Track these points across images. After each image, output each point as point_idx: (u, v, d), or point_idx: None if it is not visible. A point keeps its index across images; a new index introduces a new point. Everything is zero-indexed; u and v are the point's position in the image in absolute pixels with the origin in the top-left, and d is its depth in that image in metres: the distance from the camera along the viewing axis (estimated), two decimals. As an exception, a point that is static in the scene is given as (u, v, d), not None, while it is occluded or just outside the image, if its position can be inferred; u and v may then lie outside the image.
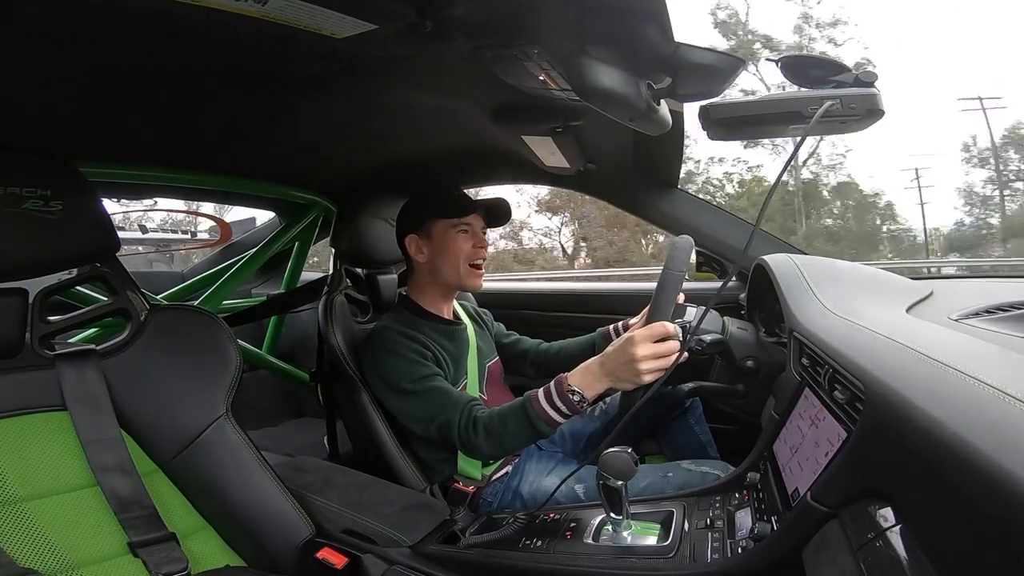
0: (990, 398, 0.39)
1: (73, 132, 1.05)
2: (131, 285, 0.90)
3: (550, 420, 0.91)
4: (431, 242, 1.17)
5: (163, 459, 0.85)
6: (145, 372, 0.87)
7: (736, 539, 0.73)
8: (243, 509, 0.84)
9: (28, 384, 0.80)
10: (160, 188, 1.54)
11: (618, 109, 0.71)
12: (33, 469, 0.75)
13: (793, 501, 0.64)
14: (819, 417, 0.65)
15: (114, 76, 0.84)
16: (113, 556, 0.74)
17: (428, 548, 0.86)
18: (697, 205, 1.53)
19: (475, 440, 0.97)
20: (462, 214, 1.16)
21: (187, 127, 1.12)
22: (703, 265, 1.57)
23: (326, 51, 0.75)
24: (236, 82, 0.92)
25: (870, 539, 0.45)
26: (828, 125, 0.68)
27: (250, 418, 0.98)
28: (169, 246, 3.81)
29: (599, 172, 1.47)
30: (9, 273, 0.77)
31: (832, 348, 0.65)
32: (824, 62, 0.68)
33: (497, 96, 1.05)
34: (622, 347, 0.87)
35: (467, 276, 1.17)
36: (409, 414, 1.07)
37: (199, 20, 0.64)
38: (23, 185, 0.76)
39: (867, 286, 1.02)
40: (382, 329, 1.12)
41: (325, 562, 0.82)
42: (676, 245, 0.90)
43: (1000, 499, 0.32)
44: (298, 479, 0.98)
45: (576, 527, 0.86)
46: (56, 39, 0.71)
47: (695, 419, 1.26)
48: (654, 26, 0.63)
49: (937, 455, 0.39)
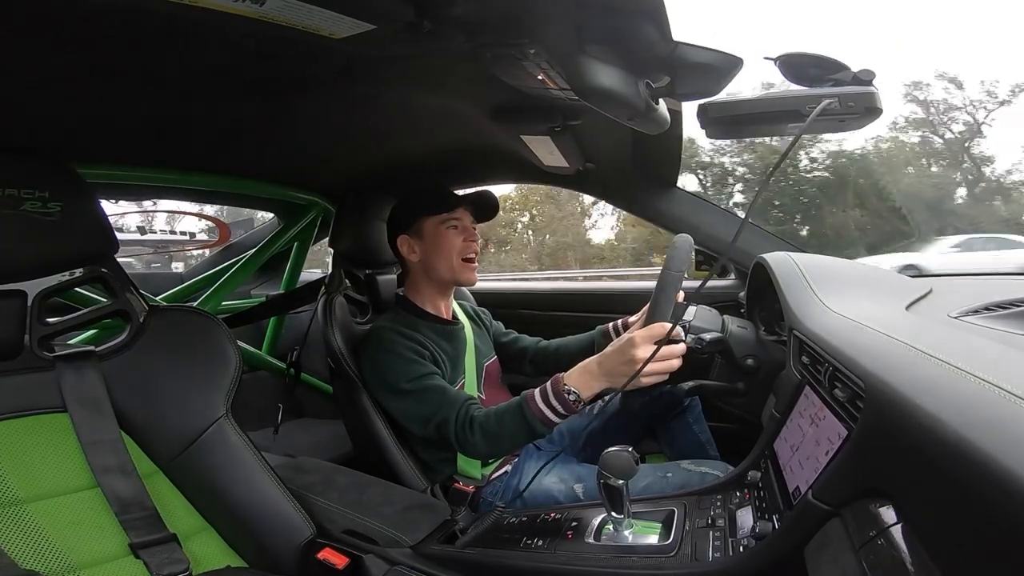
0: (990, 395, 0.39)
1: (71, 133, 1.05)
2: (130, 286, 0.90)
3: (546, 420, 0.92)
4: (422, 241, 1.18)
5: (164, 460, 0.85)
6: (145, 373, 0.87)
7: (737, 538, 0.73)
8: (244, 510, 0.84)
9: (28, 386, 0.80)
10: (159, 189, 1.54)
11: (617, 108, 0.71)
12: (34, 471, 0.75)
13: (794, 500, 0.64)
14: (820, 415, 0.65)
15: (112, 77, 0.83)
16: (114, 557, 0.74)
17: (429, 548, 0.86)
18: (696, 203, 1.53)
19: (472, 439, 0.98)
20: (450, 208, 1.17)
21: (185, 128, 1.11)
22: (702, 264, 1.58)
23: (324, 51, 0.75)
24: (235, 83, 0.91)
25: (872, 537, 0.45)
26: (826, 123, 0.68)
27: (250, 419, 0.98)
28: (168, 247, 3.80)
29: (598, 171, 1.47)
30: (8, 275, 0.77)
31: (832, 346, 0.65)
32: (822, 60, 0.68)
33: (496, 96, 1.05)
34: (621, 348, 0.87)
35: (461, 271, 1.18)
36: (407, 413, 1.07)
37: (197, 21, 0.64)
38: (21, 186, 0.76)
39: (866, 284, 1.02)
40: (379, 329, 1.12)
41: (326, 562, 0.82)
42: (675, 245, 0.90)
43: (1001, 496, 0.32)
44: (299, 479, 0.98)
45: (577, 526, 0.86)
46: (55, 40, 0.70)
47: (694, 418, 1.27)
48: (652, 25, 0.63)
49: (938, 453, 0.39)
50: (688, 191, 1.51)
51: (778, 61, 0.70)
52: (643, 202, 1.55)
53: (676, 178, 1.50)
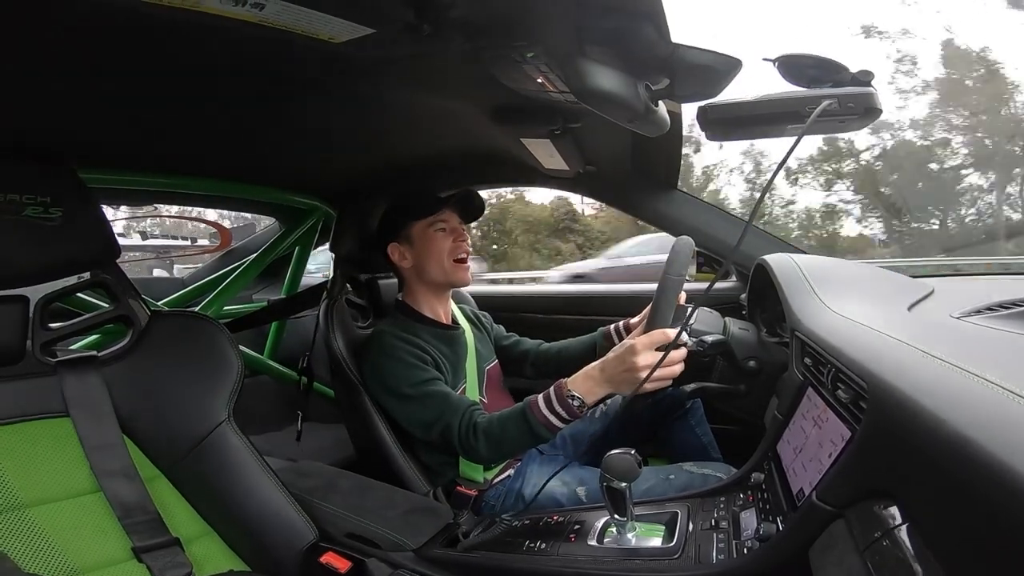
0: (994, 395, 0.39)
1: (72, 138, 1.05)
2: (132, 292, 0.90)
3: (550, 426, 0.92)
4: (412, 246, 1.19)
5: (166, 464, 0.85)
6: (147, 378, 0.87)
7: (741, 540, 0.73)
8: (246, 514, 0.84)
9: (30, 391, 0.80)
10: (160, 194, 1.54)
11: (616, 111, 0.71)
12: (37, 475, 0.75)
13: (798, 501, 0.64)
14: (822, 417, 0.65)
15: (113, 82, 0.84)
16: (117, 561, 0.74)
17: (432, 552, 0.86)
18: (696, 206, 1.53)
19: (475, 445, 0.98)
20: (435, 211, 1.18)
21: (186, 132, 1.12)
22: (703, 266, 1.58)
23: (324, 55, 0.75)
24: (235, 87, 0.92)
25: (876, 538, 0.45)
26: (826, 124, 0.68)
27: (252, 423, 0.99)
28: (169, 252, 3.81)
29: (598, 174, 1.48)
30: (9, 280, 0.77)
31: (834, 348, 0.65)
32: (821, 61, 0.68)
33: (496, 98, 1.06)
34: (622, 356, 0.87)
35: (453, 271, 1.19)
36: (410, 418, 1.07)
37: (197, 26, 0.64)
38: (23, 192, 0.76)
39: (868, 285, 1.02)
40: (381, 334, 1.12)
41: (329, 566, 0.82)
42: (675, 249, 0.90)
43: (1006, 496, 0.32)
44: (301, 483, 0.98)
45: (580, 529, 0.85)
46: (56, 45, 0.71)
47: (696, 420, 1.26)
48: (651, 27, 0.63)
49: (942, 453, 0.38)
50: (688, 193, 1.51)
51: (777, 62, 0.70)
52: (643, 204, 1.55)
53: (676, 180, 1.50)
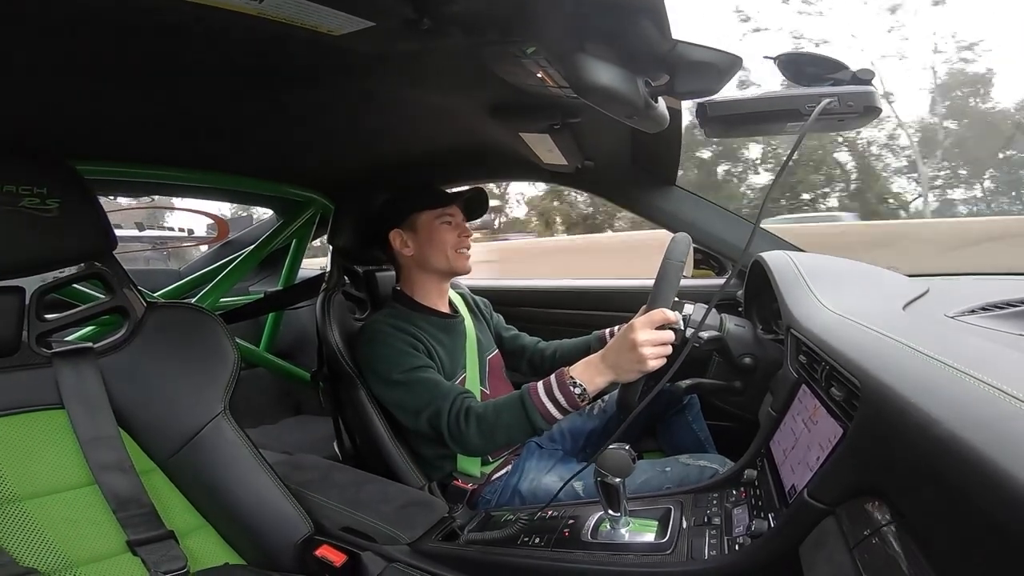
0: (986, 395, 0.39)
1: (69, 130, 1.04)
2: (128, 283, 0.90)
3: (547, 414, 0.91)
4: (416, 235, 1.18)
5: (161, 457, 0.85)
6: (143, 370, 0.87)
7: (733, 536, 0.74)
8: (242, 507, 0.84)
9: (25, 382, 0.80)
10: (157, 186, 1.53)
11: (616, 106, 0.71)
12: (32, 468, 0.75)
13: (790, 498, 0.64)
14: (816, 414, 0.66)
15: (111, 74, 0.83)
16: (112, 554, 0.74)
17: (427, 545, 0.87)
18: (695, 202, 1.53)
19: (465, 431, 0.95)
20: (445, 204, 1.18)
21: (184, 124, 1.11)
22: (700, 263, 1.58)
23: (323, 48, 0.75)
24: (233, 79, 0.91)
25: (866, 536, 0.46)
26: (826, 123, 0.68)
27: (248, 416, 0.99)
28: (166, 244, 3.79)
29: (597, 169, 1.47)
30: (6, 271, 0.77)
31: (829, 345, 0.65)
32: (821, 60, 0.68)
33: (495, 93, 1.05)
34: (623, 335, 0.87)
35: (456, 260, 1.19)
36: (399, 405, 1.06)
37: (196, 17, 0.64)
38: (20, 183, 0.75)
39: (864, 283, 1.02)
40: (373, 322, 1.12)
41: (324, 559, 0.83)
42: (675, 238, 0.90)
43: (996, 496, 0.32)
44: (297, 477, 0.98)
45: (574, 524, 0.86)
46: (53, 37, 0.70)
47: (692, 416, 1.27)
48: (651, 23, 0.63)
49: (933, 452, 0.39)
50: (687, 189, 1.51)
51: (778, 60, 0.70)
52: (642, 200, 1.55)
53: (675, 176, 1.50)
